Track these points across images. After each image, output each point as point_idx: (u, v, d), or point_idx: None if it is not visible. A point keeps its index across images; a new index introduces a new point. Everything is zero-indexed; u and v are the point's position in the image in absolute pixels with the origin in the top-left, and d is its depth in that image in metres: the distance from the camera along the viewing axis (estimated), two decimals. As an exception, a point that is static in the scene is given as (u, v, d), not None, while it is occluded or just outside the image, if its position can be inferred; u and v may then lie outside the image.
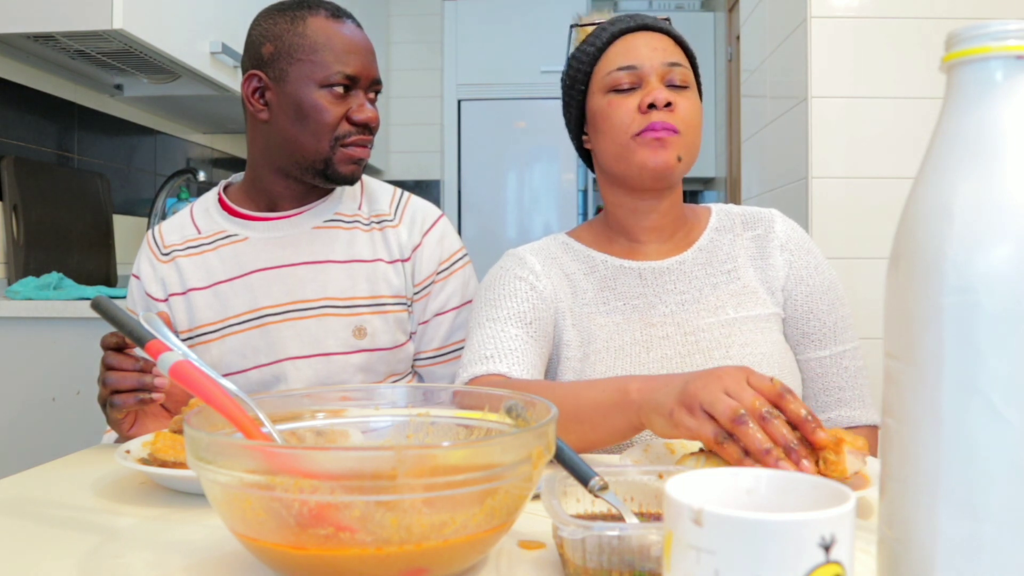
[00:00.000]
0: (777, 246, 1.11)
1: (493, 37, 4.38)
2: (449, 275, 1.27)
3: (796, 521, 0.37)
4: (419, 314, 1.26)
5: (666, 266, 1.11)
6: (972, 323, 0.39)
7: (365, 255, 1.23)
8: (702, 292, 1.09)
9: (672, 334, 1.07)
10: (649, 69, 1.06)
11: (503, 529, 0.58)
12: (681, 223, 1.14)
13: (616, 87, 1.07)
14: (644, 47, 1.07)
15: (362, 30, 1.21)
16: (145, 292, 1.24)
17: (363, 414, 0.74)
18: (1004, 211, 0.39)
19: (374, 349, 1.21)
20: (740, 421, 0.69)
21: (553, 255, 1.16)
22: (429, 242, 1.26)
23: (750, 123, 2.58)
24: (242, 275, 1.21)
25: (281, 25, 1.16)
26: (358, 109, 1.17)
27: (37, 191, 2.13)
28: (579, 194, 4.38)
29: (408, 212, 1.28)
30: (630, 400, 0.82)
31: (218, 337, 1.20)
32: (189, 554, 0.65)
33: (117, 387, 0.92)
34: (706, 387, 0.72)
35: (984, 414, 0.39)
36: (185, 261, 1.23)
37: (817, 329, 1.08)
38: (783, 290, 1.10)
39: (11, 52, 2.05)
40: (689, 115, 1.06)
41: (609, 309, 1.10)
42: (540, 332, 1.08)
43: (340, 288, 1.21)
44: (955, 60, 0.42)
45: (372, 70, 1.19)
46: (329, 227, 1.24)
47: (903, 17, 1.90)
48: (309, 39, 1.15)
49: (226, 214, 1.25)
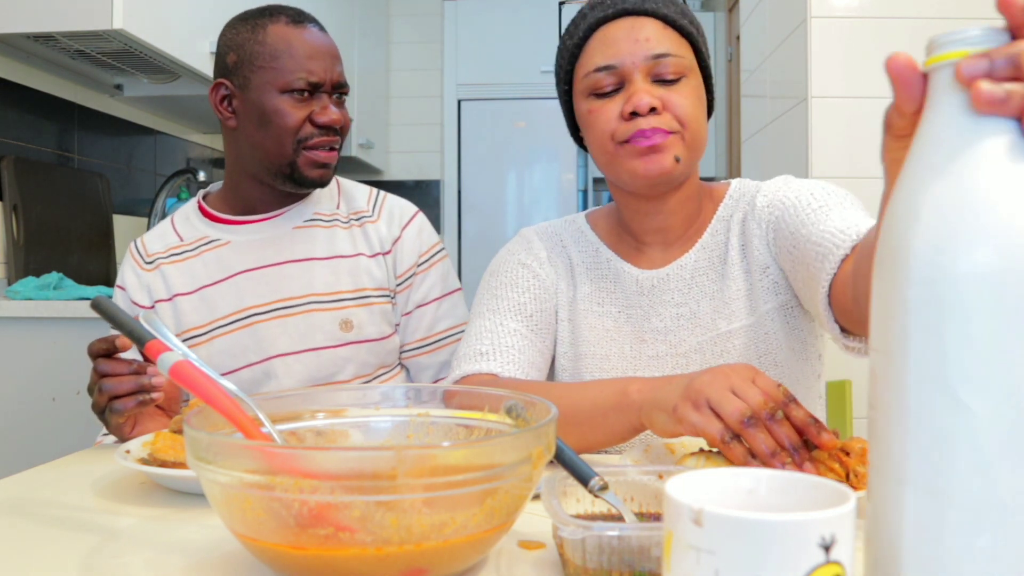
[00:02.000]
0: (756, 224, 1.02)
1: (493, 37, 4.38)
2: (429, 267, 1.30)
3: (796, 521, 0.37)
4: (402, 306, 1.28)
5: (666, 274, 1.05)
6: (935, 315, 0.40)
7: (346, 250, 1.25)
8: (699, 304, 1.04)
9: (663, 354, 1.04)
10: (631, 67, 0.95)
11: (503, 529, 0.58)
12: (693, 218, 1.07)
13: (596, 91, 0.98)
14: (625, 39, 0.96)
15: (326, 35, 1.22)
16: (131, 301, 1.24)
17: (363, 414, 0.74)
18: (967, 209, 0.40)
19: (361, 341, 1.22)
20: (748, 424, 0.69)
21: (563, 241, 1.13)
22: (408, 235, 1.28)
23: (750, 123, 2.58)
24: (227, 277, 1.23)
25: (243, 34, 1.19)
26: (321, 111, 1.18)
27: (37, 191, 2.13)
28: (579, 194, 4.38)
29: (386, 208, 1.31)
30: (630, 401, 0.82)
31: (206, 340, 1.21)
32: (189, 554, 0.65)
33: (115, 392, 0.92)
34: (713, 384, 0.72)
35: (947, 402, 0.40)
36: (170, 268, 1.24)
37: None
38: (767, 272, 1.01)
39: (11, 52, 2.05)
40: (684, 111, 0.95)
41: (602, 311, 1.08)
42: (541, 324, 1.07)
43: (324, 283, 1.22)
44: (932, 65, 0.43)
45: (335, 74, 1.19)
46: (309, 226, 1.26)
47: (903, 17, 1.90)
48: (269, 46, 1.16)
49: (207, 220, 1.27)
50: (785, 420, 0.70)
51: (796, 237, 0.95)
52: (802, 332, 1.05)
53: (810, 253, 0.90)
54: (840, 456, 0.70)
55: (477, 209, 4.37)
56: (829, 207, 0.94)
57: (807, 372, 1.06)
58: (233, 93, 1.19)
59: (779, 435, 0.69)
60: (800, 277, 0.95)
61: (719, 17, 4.10)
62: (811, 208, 0.95)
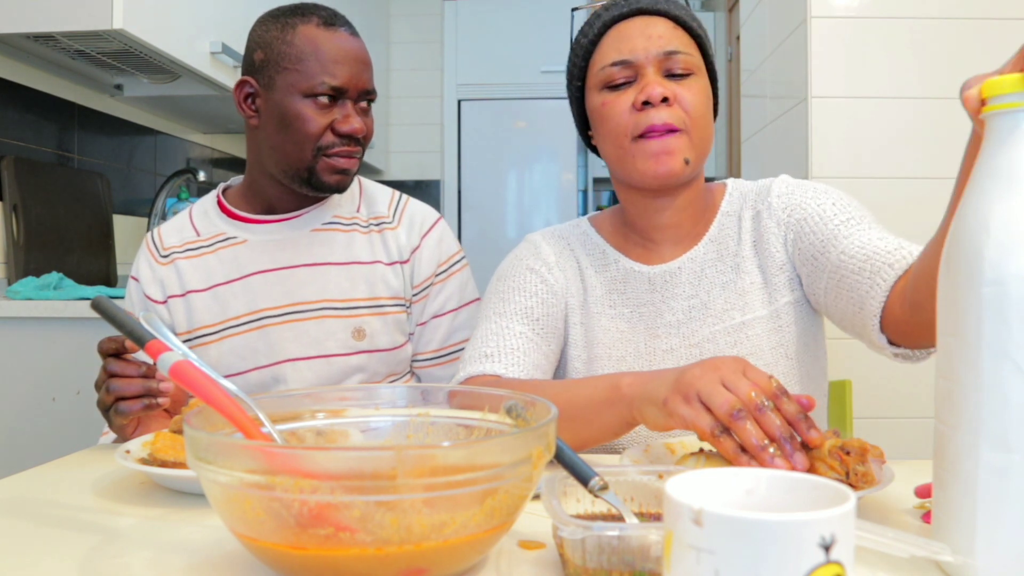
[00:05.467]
0: (774, 224, 1.05)
1: (493, 37, 4.38)
2: (447, 277, 1.27)
3: (796, 521, 0.37)
4: (417, 316, 1.26)
5: (677, 267, 1.07)
6: (1003, 306, 0.53)
7: (364, 257, 1.23)
8: (710, 295, 1.05)
9: (676, 347, 1.05)
10: (644, 61, 0.99)
11: (503, 529, 0.58)
12: (700, 215, 1.09)
13: (610, 83, 1.01)
14: (639, 36, 1.00)
15: (357, 39, 1.19)
16: (144, 294, 1.24)
17: (363, 414, 0.74)
18: None
19: (373, 350, 1.21)
20: (737, 417, 0.68)
21: (570, 245, 1.13)
22: (428, 244, 1.26)
23: (750, 123, 2.57)
24: (241, 277, 1.21)
25: (272, 32, 1.16)
26: (343, 120, 1.15)
27: (37, 191, 2.13)
28: (579, 194, 4.37)
29: (407, 214, 1.28)
30: (621, 395, 0.82)
31: (217, 339, 1.20)
32: (189, 554, 0.65)
33: (122, 394, 0.92)
34: (703, 377, 0.72)
35: (1013, 372, 0.52)
36: (184, 263, 1.23)
37: None
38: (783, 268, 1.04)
39: (11, 52, 2.05)
40: (693, 106, 0.99)
41: (615, 313, 1.08)
42: (548, 328, 1.07)
43: (339, 290, 1.21)
44: (991, 112, 0.55)
45: (361, 80, 1.17)
46: (327, 230, 1.24)
47: (903, 17, 1.90)
48: (296, 48, 1.14)
49: (225, 216, 1.26)
50: (775, 411, 0.70)
51: (826, 247, 0.98)
52: (812, 328, 1.07)
53: (852, 268, 0.93)
54: (840, 455, 0.70)
55: (477, 209, 4.37)
56: (855, 220, 0.99)
57: (816, 368, 1.08)
58: (257, 92, 1.17)
59: (769, 427, 0.68)
60: (826, 286, 0.98)
61: (719, 17, 4.10)
62: (838, 220, 1.00)
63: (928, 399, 0.61)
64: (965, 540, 0.55)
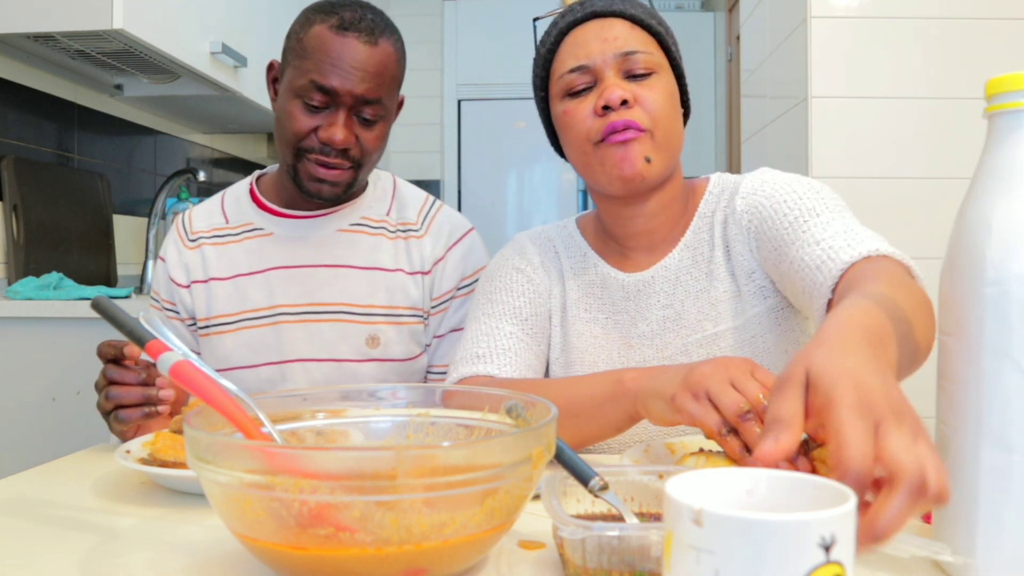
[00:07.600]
0: (739, 230, 1.01)
1: (493, 37, 4.38)
2: (469, 291, 1.24)
3: (796, 521, 0.37)
4: (435, 327, 1.24)
5: (651, 276, 1.04)
6: (1005, 306, 0.53)
7: (387, 263, 1.22)
8: (684, 305, 1.03)
9: (650, 359, 1.04)
10: (602, 64, 0.97)
11: (503, 529, 0.58)
12: (677, 220, 1.06)
13: (571, 90, 0.99)
14: (595, 39, 0.98)
15: (370, 48, 1.12)
16: (168, 276, 1.24)
17: (363, 414, 0.74)
18: None
19: (386, 359, 1.20)
20: (745, 418, 0.69)
21: (555, 246, 1.13)
22: (453, 257, 1.24)
23: (750, 123, 2.57)
24: (262, 270, 1.21)
25: (298, 23, 1.16)
26: (327, 127, 1.11)
27: (37, 191, 2.13)
28: (579, 194, 4.38)
29: (435, 224, 1.25)
30: (625, 389, 0.82)
31: (234, 329, 1.20)
32: (189, 554, 0.65)
33: (121, 402, 0.91)
34: (713, 375, 0.72)
35: (1013, 372, 0.52)
36: (211, 249, 1.23)
37: None
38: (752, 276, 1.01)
39: (11, 52, 2.05)
40: (655, 105, 0.96)
41: (590, 318, 1.07)
42: (536, 328, 1.07)
43: (358, 295, 1.20)
44: (994, 111, 0.55)
45: (360, 88, 1.10)
46: (354, 231, 1.23)
47: (903, 17, 1.90)
48: (304, 45, 1.12)
49: (255, 206, 1.25)
50: None
51: (780, 256, 0.95)
52: (795, 332, 1.03)
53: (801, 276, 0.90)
54: None
55: (477, 209, 4.37)
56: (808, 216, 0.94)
57: None
58: (277, 78, 1.18)
59: None
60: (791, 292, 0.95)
61: (719, 17, 4.09)
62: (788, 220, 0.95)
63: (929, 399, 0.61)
64: (966, 540, 0.55)
